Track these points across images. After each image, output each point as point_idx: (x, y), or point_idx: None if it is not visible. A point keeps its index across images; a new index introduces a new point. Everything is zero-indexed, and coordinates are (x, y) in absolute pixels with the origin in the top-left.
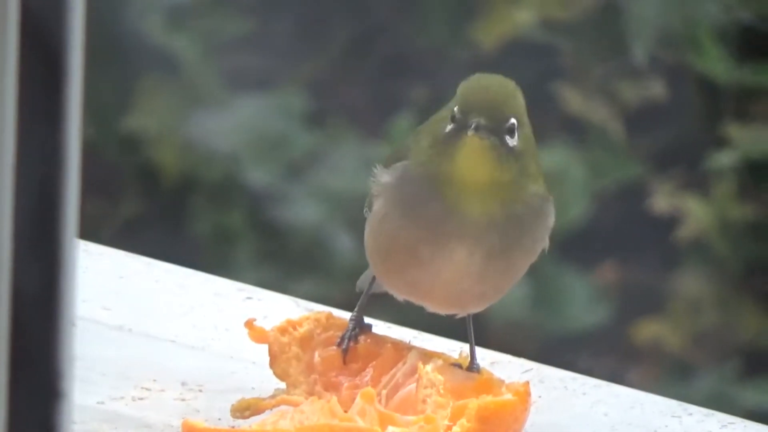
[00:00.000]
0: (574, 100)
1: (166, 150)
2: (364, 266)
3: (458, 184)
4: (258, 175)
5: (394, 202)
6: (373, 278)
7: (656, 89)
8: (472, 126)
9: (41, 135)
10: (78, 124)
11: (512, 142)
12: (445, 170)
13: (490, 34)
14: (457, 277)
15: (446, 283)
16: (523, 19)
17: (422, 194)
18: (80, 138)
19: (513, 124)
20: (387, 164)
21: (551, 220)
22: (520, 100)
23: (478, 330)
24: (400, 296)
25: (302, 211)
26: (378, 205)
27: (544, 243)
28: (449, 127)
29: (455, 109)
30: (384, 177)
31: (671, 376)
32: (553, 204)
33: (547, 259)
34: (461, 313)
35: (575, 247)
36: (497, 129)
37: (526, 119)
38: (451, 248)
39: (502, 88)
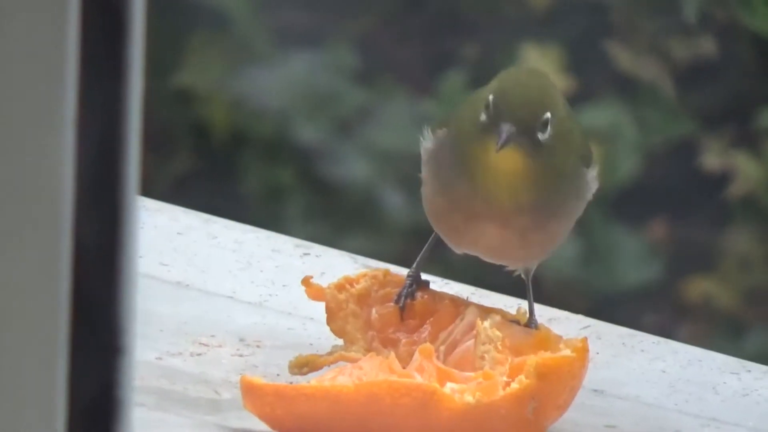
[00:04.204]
0: (624, 57)
1: (216, 106)
2: (414, 222)
3: (487, 177)
4: (308, 132)
5: (433, 170)
6: (434, 234)
7: (707, 46)
8: (503, 137)
9: (103, 90)
10: (139, 79)
11: (544, 135)
12: (475, 160)
13: None
14: (495, 246)
15: (487, 248)
16: None
17: (455, 171)
18: (141, 93)
19: (546, 118)
20: (435, 129)
21: (591, 186)
22: (554, 93)
23: (533, 287)
24: (458, 250)
25: (352, 167)
26: (423, 169)
27: (586, 200)
28: (483, 117)
29: (490, 99)
30: (427, 143)
31: (722, 334)
32: (593, 169)
33: (598, 216)
34: (517, 268)
35: (626, 204)
36: (528, 129)
37: (560, 108)
38: (482, 227)
39: (537, 87)
